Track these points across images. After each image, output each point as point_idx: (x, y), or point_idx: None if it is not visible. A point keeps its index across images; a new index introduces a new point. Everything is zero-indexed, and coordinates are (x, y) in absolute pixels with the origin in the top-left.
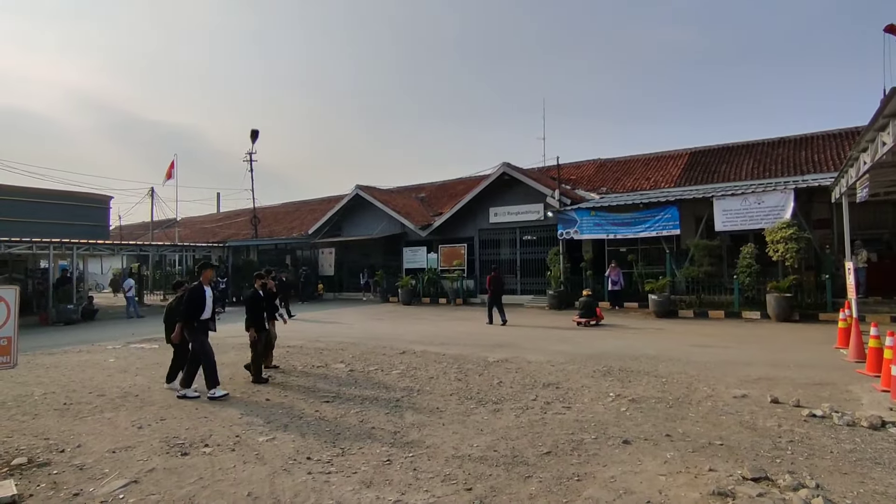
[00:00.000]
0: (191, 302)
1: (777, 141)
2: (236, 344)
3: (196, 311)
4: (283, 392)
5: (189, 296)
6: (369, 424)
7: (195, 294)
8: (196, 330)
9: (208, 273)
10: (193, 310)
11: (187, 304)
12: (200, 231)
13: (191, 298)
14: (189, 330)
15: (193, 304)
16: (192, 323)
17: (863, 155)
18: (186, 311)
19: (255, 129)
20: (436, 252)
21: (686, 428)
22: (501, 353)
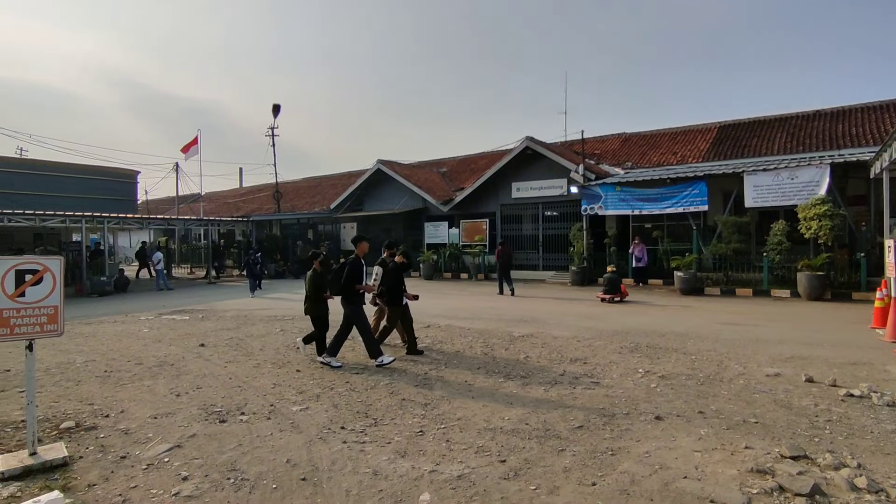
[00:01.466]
0: (353, 273)
1: (812, 114)
2: (264, 317)
3: (357, 282)
4: (313, 364)
5: (350, 267)
6: (399, 396)
7: (356, 266)
8: (353, 300)
9: (364, 245)
10: (354, 281)
11: (349, 275)
12: (224, 205)
13: (352, 270)
14: (346, 300)
15: (355, 276)
16: (351, 293)
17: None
18: (348, 282)
19: (276, 104)
20: (457, 227)
21: (719, 405)
22: (526, 328)
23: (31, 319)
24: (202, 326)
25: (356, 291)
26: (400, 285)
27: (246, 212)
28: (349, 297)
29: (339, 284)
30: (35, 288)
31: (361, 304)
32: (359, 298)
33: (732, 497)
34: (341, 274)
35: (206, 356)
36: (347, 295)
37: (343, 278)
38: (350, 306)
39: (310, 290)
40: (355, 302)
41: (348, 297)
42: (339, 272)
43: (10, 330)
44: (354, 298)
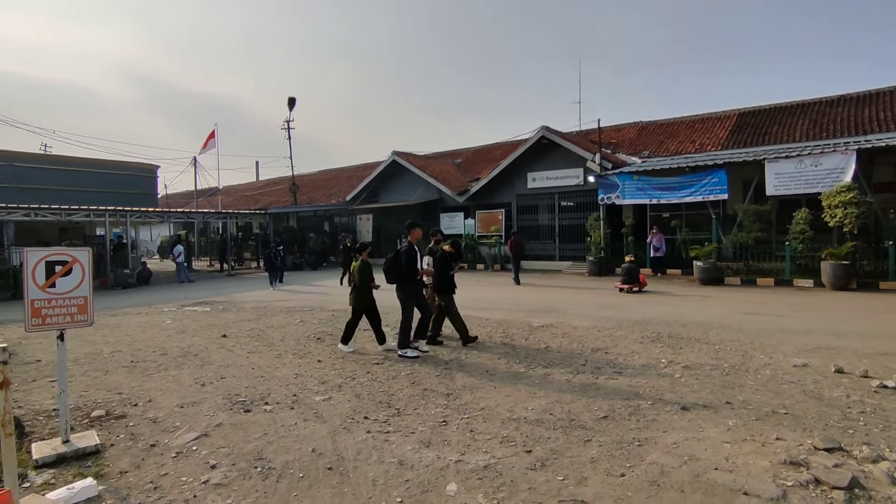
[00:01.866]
0: (410, 260)
1: (836, 99)
2: (284, 308)
3: (414, 269)
4: (334, 354)
5: (407, 254)
6: (421, 386)
7: (412, 253)
8: (409, 288)
9: (418, 232)
10: (412, 268)
11: (407, 262)
12: (241, 199)
13: (409, 257)
14: (402, 288)
15: (413, 263)
16: (407, 281)
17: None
18: (407, 269)
19: (291, 97)
20: (473, 218)
21: (746, 396)
22: (545, 318)
23: (61, 310)
24: (223, 318)
25: (413, 279)
26: (448, 274)
27: (263, 205)
28: (405, 285)
29: (395, 272)
30: (65, 279)
31: (417, 291)
32: (414, 286)
33: (766, 489)
34: (396, 262)
35: (229, 347)
36: (403, 282)
37: (402, 266)
38: (405, 294)
39: (360, 280)
40: (411, 289)
41: (404, 284)
42: (394, 260)
43: (42, 320)
44: (410, 286)
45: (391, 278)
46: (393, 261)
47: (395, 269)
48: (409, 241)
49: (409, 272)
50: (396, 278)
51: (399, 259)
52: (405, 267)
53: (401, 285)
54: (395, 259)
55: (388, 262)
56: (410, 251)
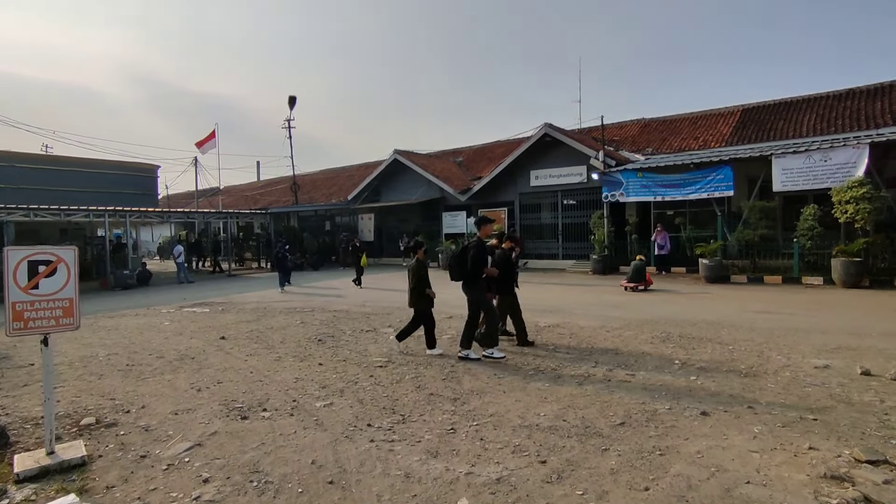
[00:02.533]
0: (478, 257)
1: (845, 93)
2: (284, 309)
3: (483, 266)
4: (336, 356)
5: (476, 251)
6: (427, 390)
7: (482, 249)
8: (480, 287)
9: (488, 228)
10: (481, 265)
11: (475, 259)
12: (242, 199)
13: (478, 253)
14: (469, 286)
15: (482, 260)
16: (475, 278)
17: None
18: (475, 266)
19: (292, 96)
20: (476, 216)
21: (769, 399)
22: (551, 317)
23: (45, 313)
24: (222, 319)
25: (480, 275)
26: (510, 273)
27: (264, 204)
28: (473, 283)
29: (461, 269)
30: (49, 280)
31: (485, 289)
32: (482, 283)
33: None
34: (463, 258)
35: (227, 349)
36: (471, 280)
37: (469, 263)
38: (474, 292)
39: (415, 282)
40: (479, 287)
41: (472, 282)
42: (461, 257)
43: (24, 324)
44: (478, 283)
45: (456, 275)
46: (459, 257)
47: (460, 266)
48: (479, 236)
49: (475, 268)
50: (462, 275)
51: (465, 255)
52: (472, 262)
53: (468, 283)
54: (462, 255)
55: (453, 259)
56: (480, 246)
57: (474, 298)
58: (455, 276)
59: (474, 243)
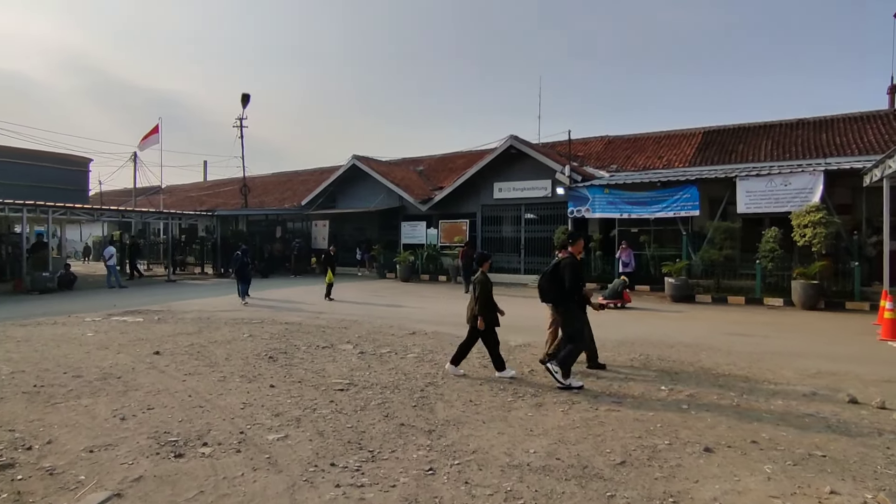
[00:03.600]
0: (576, 274)
1: (795, 122)
2: (230, 319)
3: (581, 284)
4: (290, 376)
5: (573, 268)
6: (396, 419)
7: (577, 266)
8: (575, 309)
9: (580, 245)
10: (578, 283)
11: (573, 276)
12: (186, 199)
13: (574, 271)
14: (565, 306)
15: (578, 277)
16: (572, 298)
17: None
18: (573, 284)
19: (245, 94)
20: (436, 227)
21: (770, 433)
22: (522, 336)
23: None
24: (158, 330)
25: (579, 294)
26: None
27: (210, 206)
28: (567, 304)
29: (556, 288)
30: None
31: (582, 309)
32: (576, 305)
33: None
34: (555, 276)
35: (161, 367)
36: (566, 300)
37: (568, 282)
38: (571, 311)
39: (482, 296)
40: (574, 309)
41: (568, 302)
42: (552, 274)
43: None
44: (574, 305)
45: (549, 295)
46: (551, 275)
47: (555, 285)
48: (571, 252)
49: (574, 286)
50: (557, 296)
51: (557, 272)
52: (570, 281)
53: (563, 303)
54: (554, 273)
55: (545, 278)
56: (574, 263)
57: (569, 322)
58: (547, 297)
59: (568, 260)
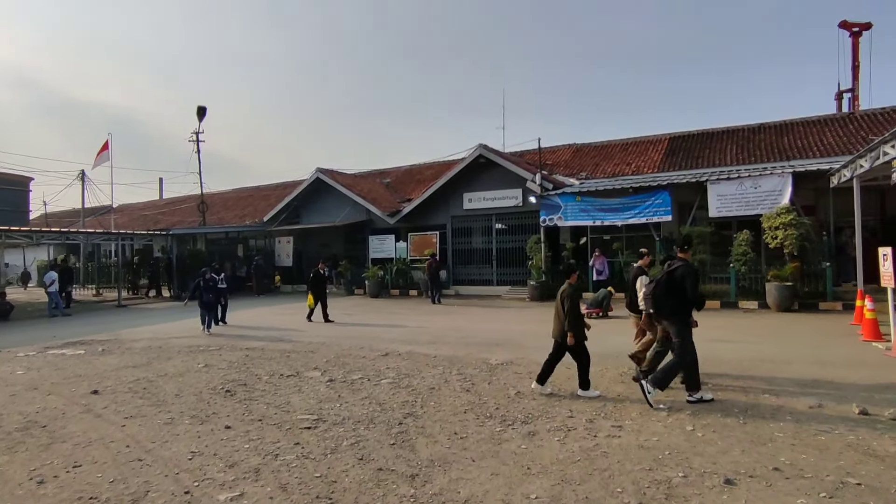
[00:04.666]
0: (695, 284)
1: (757, 126)
2: (184, 347)
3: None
4: (249, 413)
5: (693, 276)
6: (374, 463)
7: (695, 273)
8: (688, 321)
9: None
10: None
11: (693, 285)
12: (140, 219)
13: (694, 280)
14: (679, 318)
15: (697, 287)
16: (688, 310)
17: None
18: (695, 295)
19: (201, 106)
20: (405, 240)
21: (789, 456)
22: (502, 353)
23: None
24: (100, 364)
25: (699, 306)
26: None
27: (166, 225)
28: (682, 314)
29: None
30: None
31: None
32: (690, 316)
33: None
34: (672, 285)
35: (98, 410)
36: (681, 311)
37: (690, 290)
38: (681, 325)
39: (573, 310)
40: (688, 320)
41: (682, 314)
42: (666, 284)
43: None
44: (688, 316)
45: (666, 304)
46: (667, 284)
47: (671, 295)
48: (685, 258)
49: (697, 296)
50: (675, 307)
51: (673, 282)
52: (692, 290)
53: (679, 315)
54: (669, 282)
55: (660, 286)
56: (695, 270)
57: (680, 332)
58: (661, 307)
59: (683, 266)
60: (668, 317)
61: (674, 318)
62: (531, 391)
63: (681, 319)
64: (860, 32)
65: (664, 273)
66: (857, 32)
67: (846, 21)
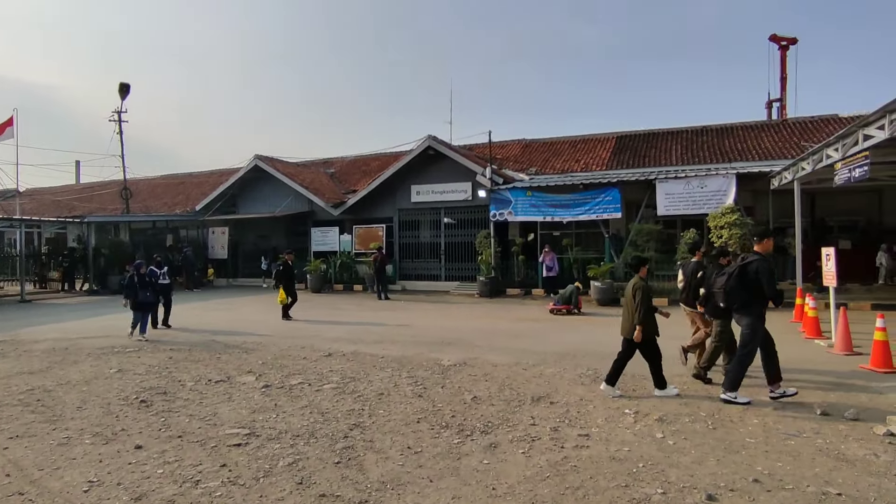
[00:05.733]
0: (771, 278)
1: (700, 129)
2: (96, 349)
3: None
4: (167, 428)
5: (770, 273)
6: (315, 488)
7: (770, 269)
8: (762, 316)
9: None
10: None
11: (771, 283)
12: (52, 205)
13: (773, 276)
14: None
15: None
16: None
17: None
18: (771, 287)
19: (124, 83)
20: (350, 233)
21: (765, 465)
22: (454, 353)
23: None
24: None
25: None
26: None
27: (83, 212)
28: (757, 309)
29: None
30: None
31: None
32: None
33: None
34: (743, 279)
35: None
36: (755, 306)
37: (766, 284)
38: (754, 320)
39: (645, 304)
40: (762, 316)
41: (755, 308)
42: (739, 277)
43: None
44: (762, 311)
45: (738, 299)
46: (738, 278)
47: (745, 289)
48: (760, 252)
49: (774, 292)
50: (747, 300)
51: (746, 276)
52: (768, 285)
53: (752, 308)
54: (742, 276)
55: (733, 278)
56: (770, 265)
57: (752, 325)
58: (733, 301)
59: (759, 261)
60: (739, 310)
61: (745, 310)
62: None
63: (754, 312)
64: (787, 46)
65: (737, 266)
66: (785, 46)
67: (776, 35)
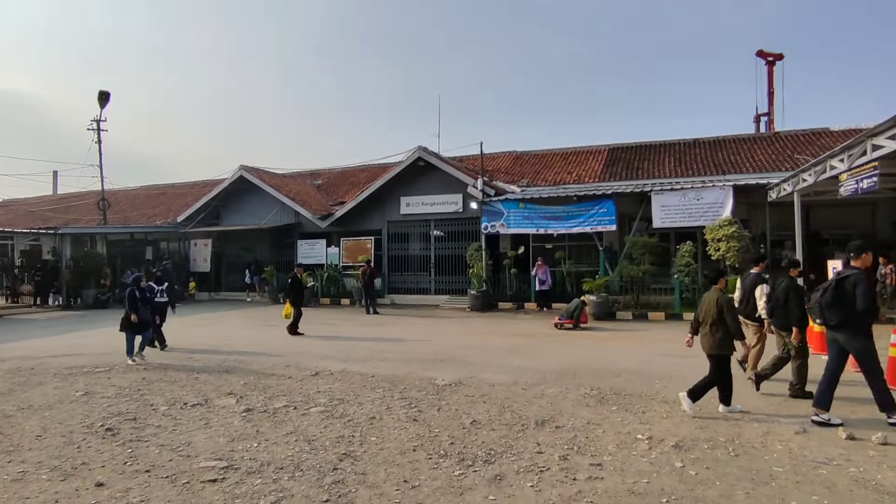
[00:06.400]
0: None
1: (692, 141)
2: (63, 368)
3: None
4: (133, 461)
5: (867, 287)
6: None
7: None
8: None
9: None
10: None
11: (868, 297)
12: (27, 216)
13: (870, 290)
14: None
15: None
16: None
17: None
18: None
19: (104, 91)
20: (337, 246)
21: (801, 500)
22: (449, 371)
23: None
24: None
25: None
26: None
27: (59, 223)
28: (861, 328)
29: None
30: None
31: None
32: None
33: None
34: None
35: None
36: (859, 324)
37: (862, 298)
38: (861, 339)
39: (730, 315)
40: (869, 334)
41: (860, 327)
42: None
43: None
44: (868, 329)
45: (836, 315)
46: (833, 293)
47: (842, 306)
48: (859, 266)
49: (870, 306)
50: (847, 318)
51: (842, 291)
52: (865, 299)
53: (857, 327)
54: (838, 291)
55: (828, 294)
56: (862, 278)
57: (863, 350)
58: (832, 318)
59: (856, 274)
60: (837, 328)
61: (849, 330)
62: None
63: (860, 332)
64: (774, 62)
65: (833, 281)
66: (772, 62)
67: (762, 50)
